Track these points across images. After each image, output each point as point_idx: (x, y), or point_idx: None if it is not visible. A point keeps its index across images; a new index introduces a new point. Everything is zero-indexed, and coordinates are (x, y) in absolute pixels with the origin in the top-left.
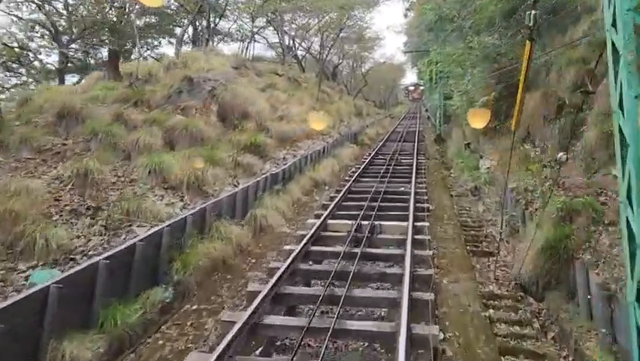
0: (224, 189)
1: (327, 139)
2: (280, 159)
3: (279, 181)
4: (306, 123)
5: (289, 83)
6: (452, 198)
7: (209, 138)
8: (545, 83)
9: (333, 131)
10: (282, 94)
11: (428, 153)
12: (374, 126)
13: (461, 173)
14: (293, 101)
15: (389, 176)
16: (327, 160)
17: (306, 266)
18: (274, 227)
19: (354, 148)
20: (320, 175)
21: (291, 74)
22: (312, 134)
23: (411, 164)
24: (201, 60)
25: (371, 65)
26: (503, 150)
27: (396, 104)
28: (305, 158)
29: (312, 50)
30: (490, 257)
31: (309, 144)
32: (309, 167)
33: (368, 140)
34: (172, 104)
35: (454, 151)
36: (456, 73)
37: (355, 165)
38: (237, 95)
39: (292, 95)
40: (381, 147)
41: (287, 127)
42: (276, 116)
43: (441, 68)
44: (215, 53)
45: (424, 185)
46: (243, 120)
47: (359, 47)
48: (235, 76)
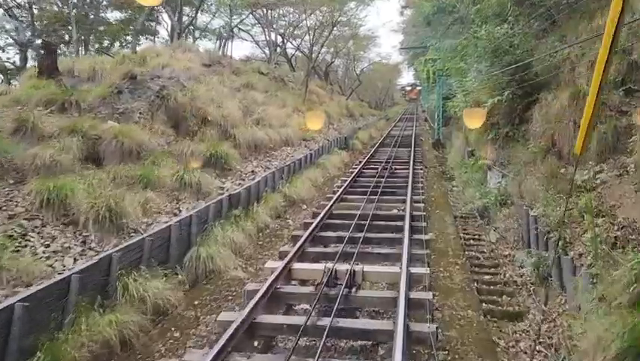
0: (157, 220)
1: (311, 145)
2: (248, 173)
3: (240, 203)
4: (286, 128)
5: (273, 83)
6: (456, 221)
7: (151, 151)
8: (571, 80)
9: (320, 135)
10: (259, 95)
11: (426, 160)
12: (368, 129)
13: (465, 186)
14: (273, 103)
15: (380, 192)
16: (309, 171)
17: (244, 356)
18: (223, 271)
19: (343, 155)
20: (298, 192)
21: (278, 72)
22: (294, 141)
23: (406, 175)
24: (165, 56)
25: (366, 64)
26: (519, 162)
27: (392, 104)
28: (280, 170)
29: (303, 48)
30: (518, 322)
31: (288, 152)
32: (286, 181)
33: (360, 144)
34: (109, 108)
35: (455, 159)
36: (457, 70)
37: (342, 177)
38: (197, 97)
39: (274, 95)
40: (375, 153)
41: (260, 133)
42: (249, 120)
43: (440, 65)
44: (184, 49)
45: (421, 204)
46: (203, 127)
47: (353, 46)
48: (203, 74)
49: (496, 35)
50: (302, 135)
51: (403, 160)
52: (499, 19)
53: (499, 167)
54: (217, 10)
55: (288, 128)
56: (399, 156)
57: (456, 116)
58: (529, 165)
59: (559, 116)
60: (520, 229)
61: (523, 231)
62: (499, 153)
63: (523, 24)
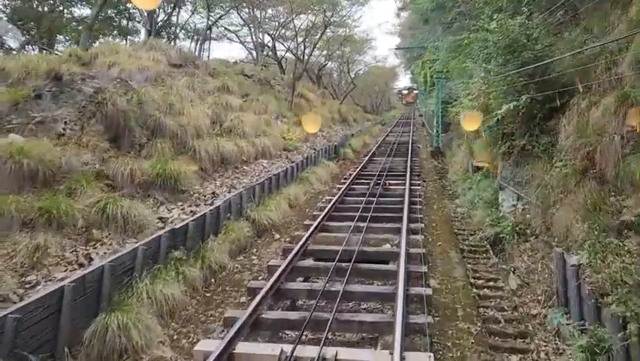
0: (48, 278)
1: (294, 157)
2: (207, 195)
3: (188, 239)
4: (264, 137)
5: (257, 86)
6: (464, 258)
7: (72, 172)
8: (609, 82)
9: (307, 144)
10: (236, 99)
11: (424, 172)
12: (361, 135)
13: (472, 208)
14: (253, 109)
15: (370, 217)
16: (289, 188)
17: None
18: (141, 350)
19: (331, 166)
20: (271, 216)
21: (264, 75)
22: (273, 152)
23: (402, 194)
24: (122, 54)
25: (362, 67)
26: (542, 184)
27: (389, 108)
28: (250, 190)
29: (294, 50)
30: None
31: (264, 166)
32: (257, 203)
33: (352, 153)
34: (23, 116)
35: (457, 171)
36: (461, 70)
37: (328, 195)
38: (148, 102)
39: (255, 100)
40: (367, 164)
41: (229, 145)
42: (219, 129)
43: (439, 66)
44: (149, 47)
45: (420, 236)
46: (153, 139)
47: (348, 48)
48: (170, 75)
49: (511, 28)
50: (284, 145)
51: (398, 172)
52: (512, 10)
53: (513, 187)
54: (195, 8)
55: (267, 138)
56: (394, 167)
57: (457, 122)
58: (558, 190)
59: (599, 127)
60: (552, 278)
61: (557, 283)
62: (513, 170)
63: (544, 13)
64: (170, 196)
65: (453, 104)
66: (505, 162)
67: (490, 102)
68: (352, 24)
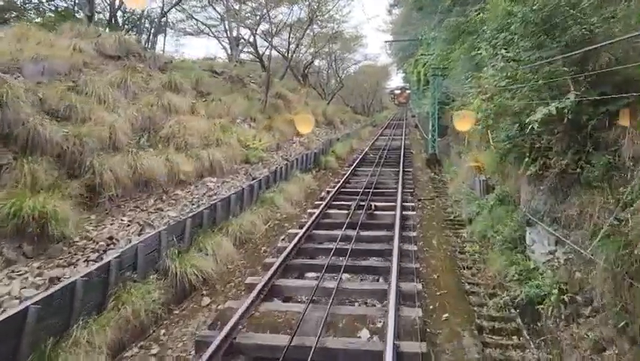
0: None
1: (258, 170)
2: (101, 242)
3: (25, 336)
4: (216, 148)
5: (227, 84)
6: (484, 344)
7: None
8: None
9: (279, 153)
10: (184, 100)
11: (419, 187)
12: (348, 139)
13: (484, 245)
14: (211, 111)
15: (345, 267)
16: (242, 217)
17: None
18: None
19: (307, 181)
20: (201, 267)
21: (236, 72)
22: (225, 166)
23: (391, 223)
24: (33, 40)
25: (352, 65)
26: (606, 229)
27: (381, 109)
28: (178, 226)
29: (278, 46)
30: None
31: (210, 186)
32: (189, 245)
33: (336, 162)
34: None
35: (460, 188)
36: (467, 61)
37: (293, 228)
38: (17, 103)
39: (217, 100)
40: (351, 177)
41: (156, 162)
42: (151, 139)
43: (435, 61)
44: (75, 34)
45: (417, 310)
46: (25, 156)
47: (336, 45)
48: (95, 68)
49: None
50: (245, 156)
51: (387, 189)
52: None
53: (550, 225)
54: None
55: (221, 148)
56: (383, 181)
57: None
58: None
59: None
60: None
61: None
62: (548, 200)
63: None
64: (32, 249)
65: (452, 105)
66: (536, 188)
67: (510, 102)
68: (341, 19)
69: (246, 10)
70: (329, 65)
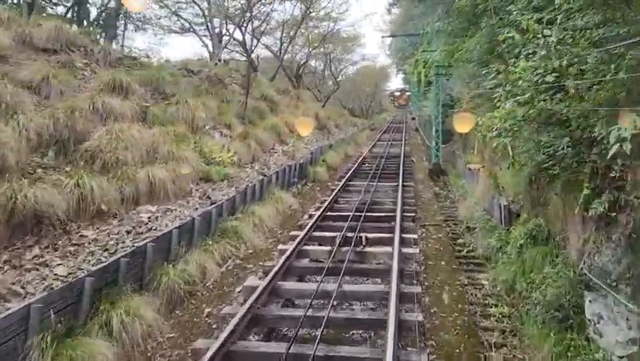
0: None
1: (220, 191)
2: None
3: None
4: (160, 165)
5: (203, 85)
6: None
7: None
8: None
9: (255, 165)
10: (126, 103)
11: (423, 207)
12: (343, 146)
13: (514, 307)
14: (168, 117)
15: (326, 335)
16: (188, 260)
17: None
18: None
19: (287, 201)
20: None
21: (216, 71)
22: (175, 189)
23: (387, 270)
24: None
25: (350, 67)
26: None
27: (380, 111)
28: (65, 292)
29: (273, 47)
30: None
31: (144, 218)
32: (89, 316)
33: (327, 173)
34: None
35: (475, 211)
36: (482, 54)
37: (259, 271)
38: None
39: (182, 103)
40: (341, 194)
41: (50, 191)
42: (67, 156)
43: (441, 58)
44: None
45: None
46: None
47: (333, 46)
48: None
49: None
50: (206, 173)
51: (384, 212)
52: None
53: (629, 296)
54: None
55: (169, 165)
56: (378, 200)
57: (478, 134)
58: None
59: None
60: None
61: None
62: (624, 257)
63: None
64: None
65: (457, 108)
66: (601, 235)
67: (556, 107)
68: (337, 17)
69: (235, 6)
70: (325, 66)
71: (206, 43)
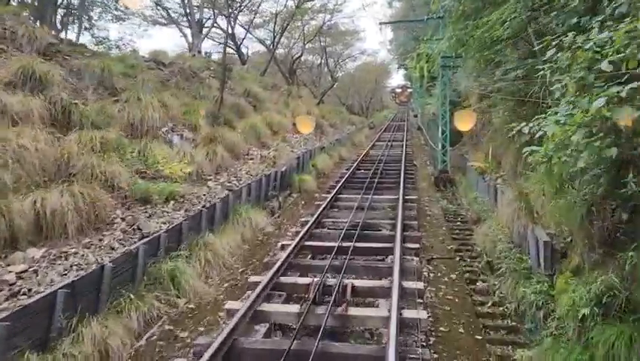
0: None
1: (160, 218)
2: None
3: None
4: (69, 186)
5: (173, 79)
6: None
7: None
8: None
9: (219, 178)
10: (28, 101)
11: (428, 230)
12: (337, 147)
13: None
14: (101, 120)
15: None
16: (91, 329)
17: None
18: None
19: (259, 221)
20: None
21: (190, 63)
22: (82, 221)
23: (380, 357)
24: None
25: (348, 61)
26: None
27: (381, 108)
28: None
29: (267, 40)
30: None
31: (9, 278)
32: None
33: (314, 181)
34: None
35: (496, 242)
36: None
37: (195, 347)
38: None
39: (133, 100)
40: (327, 213)
41: None
42: None
43: (449, 46)
44: None
45: None
46: None
47: (330, 39)
48: None
49: None
50: (144, 193)
51: (380, 242)
52: None
53: None
54: None
55: (74, 187)
56: (373, 223)
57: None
58: None
59: None
60: None
61: None
62: None
63: None
64: None
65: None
66: None
67: None
68: (334, 8)
69: None
70: (321, 61)
71: (185, 33)
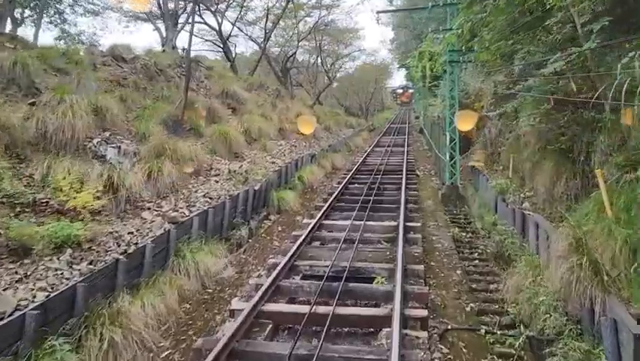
0: None
1: (37, 282)
2: None
3: None
4: None
5: (130, 77)
6: None
7: None
8: None
9: (160, 207)
10: None
11: (436, 274)
12: (328, 156)
13: None
14: None
15: None
16: None
17: None
18: None
19: (208, 268)
20: None
21: (157, 60)
22: None
23: None
24: None
25: (345, 57)
26: None
27: (382, 108)
28: None
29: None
30: None
31: None
32: None
33: (297, 200)
34: None
35: (541, 307)
36: None
37: None
38: None
39: (57, 102)
40: (303, 254)
41: None
42: None
43: (464, 37)
44: None
45: None
46: None
47: (330, 38)
48: None
49: None
50: (20, 240)
51: (369, 297)
52: None
53: None
54: None
55: None
56: (363, 268)
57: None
58: None
59: None
60: None
61: None
62: None
63: None
64: None
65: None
66: None
67: None
68: (332, 4)
69: None
70: (316, 58)
71: (159, 27)
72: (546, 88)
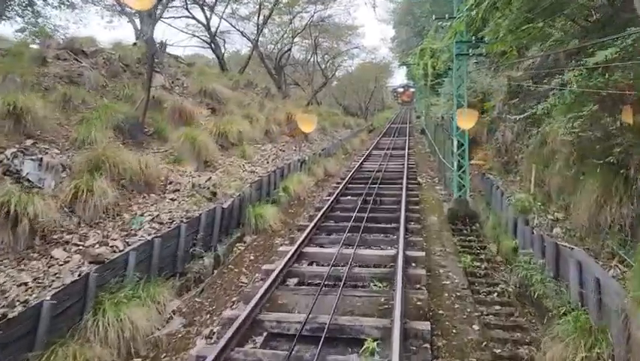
0: None
1: None
2: None
3: None
4: None
5: (90, 72)
6: None
7: None
8: None
9: (85, 240)
10: None
11: (448, 332)
12: (320, 162)
13: None
14: None
15: None
16: None
17: None
18: None
19: (140, 328)
20: None
21: (124, 53)
22: None
23: None
24: None
25: (344, 54)
26: None
27: (382, 108)
28: None
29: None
30: None
31: None
32: None
33: (278, 216)
34: None
35: None
36: None
37: None
38: None
39: None
40: (270, 301)
41: None
42: None
43: (472, 25)
44: None
45: None
46: None
47: (327, 35)
48: None
49: None
50: None
51: None
52: None
53: None
54: None
55: None
56: (346, 322)
57: None
58: None
59: None
60: None
61: None
62: None
63: None
64: None
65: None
66: None
67: None
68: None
69: None
70: (312, 57)
71: (133, 18)
72: (590, 83)
